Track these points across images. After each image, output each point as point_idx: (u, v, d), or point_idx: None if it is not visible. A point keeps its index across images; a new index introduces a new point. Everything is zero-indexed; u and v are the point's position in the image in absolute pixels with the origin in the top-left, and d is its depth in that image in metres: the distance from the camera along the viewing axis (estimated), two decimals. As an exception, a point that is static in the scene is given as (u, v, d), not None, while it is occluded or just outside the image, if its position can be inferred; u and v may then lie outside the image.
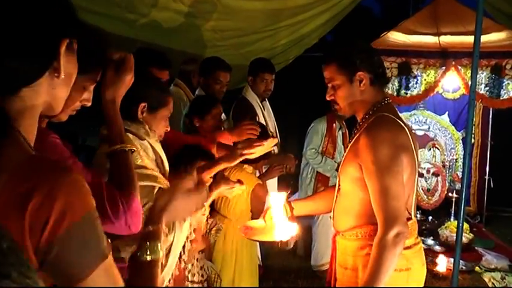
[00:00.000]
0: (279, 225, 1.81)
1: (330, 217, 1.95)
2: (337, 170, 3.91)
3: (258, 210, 2.18)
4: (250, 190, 2.48)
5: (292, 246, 2.35)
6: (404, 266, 1.71)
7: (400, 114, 1.84)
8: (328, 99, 1.90)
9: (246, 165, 2.61)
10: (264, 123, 3.45)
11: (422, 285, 1.84)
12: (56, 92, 0.85)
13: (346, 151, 1.84)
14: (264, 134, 2.40)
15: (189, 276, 2.02)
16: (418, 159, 1.79)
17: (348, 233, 1.81)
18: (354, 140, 1.78)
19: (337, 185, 1.89)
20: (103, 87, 1.33)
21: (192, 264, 2.06)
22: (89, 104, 1.24)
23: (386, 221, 1.62)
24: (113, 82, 1.34)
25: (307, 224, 4.30)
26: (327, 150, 4.04)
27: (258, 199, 2.44)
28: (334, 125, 4.14)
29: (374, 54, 1.84)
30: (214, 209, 2.46)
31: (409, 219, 1.75)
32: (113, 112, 1.34)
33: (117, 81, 1.34)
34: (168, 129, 1.83)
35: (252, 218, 2.32)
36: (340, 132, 4.27)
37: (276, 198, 1.83)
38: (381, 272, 1.59)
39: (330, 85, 1.83)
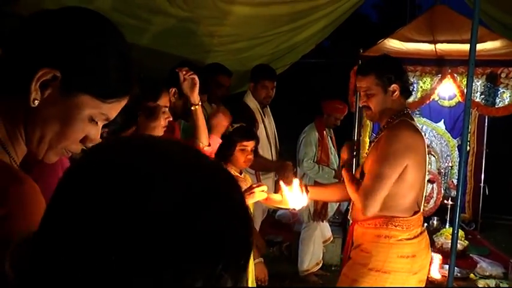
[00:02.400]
0: (293, 197, 2.14)
1: (348, 208, 2.30)
2: (335, 177, 3.93)
3: None
4: None
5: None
6: (410, 253, 1.99)
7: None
8: (361, 105, 2.22)
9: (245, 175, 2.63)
10: (264, 129, 3.45)
11: (427, 268, 2.13)
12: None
13: (370, 149, 2.14)
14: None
15: None
16: (427, 162, 2.11)
17: (367, 222, 2.06)
18: (377, 140, 2.08)
19: (360, 179, 2.12)
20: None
21: None
22: (94, 142, 0.90)
23: (365, 193, 1.95)
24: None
25: (299, 229, 4.31)
26: (321, 159, 4.04)
27: None
28: (324, 132, 4.14)
29: (404, 70, 2.18)
30: None
31: (416, 212, 2.05)
32: None
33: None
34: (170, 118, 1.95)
35: None
36: (329, 137, 4.29)
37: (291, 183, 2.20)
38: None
39: (363, 93, 2.11)
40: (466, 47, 2.90)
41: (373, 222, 2.04)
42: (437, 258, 4.24)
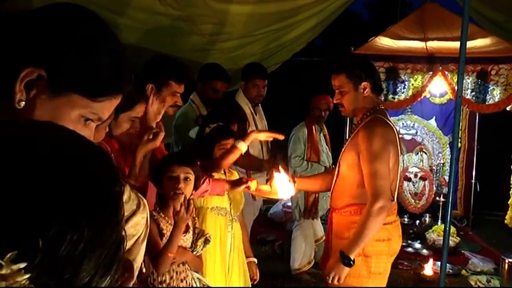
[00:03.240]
0: (282, 187, 2.29)
1: (328, 196, 2.47)
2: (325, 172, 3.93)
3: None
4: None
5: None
6: (386, 237, 2.17)
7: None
8: (335, 102, 2.36)
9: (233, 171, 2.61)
10: (254, 126, 3.43)
11: (397, 252, 2.28)
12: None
13: (346, 143, 2.28)
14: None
15: None
16: (401, 154, 2.28)
17: (344, 210, 2.25)
18: (353, 135, 2.23)
19: (336, 171, 2.33)
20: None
21: (171, 277, 2.00)
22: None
23: (374, 195, 2.06)
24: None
25: (292, 228, 4.30)
26: (311, 156, 4.03)
27: None
28: (314, 129, 4.13)
29: (375, 69, 2.35)
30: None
31: (391, 200, 2.17)
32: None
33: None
34: (137, 129, 1.96)
35: None
36: (322, 135, 4.27)
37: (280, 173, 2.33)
38: (365, 234, 2.05)
39: (337, 91, 2.27)
40: (457, 44, 2.91)
41: (349, 210, 2.23)
42: (429, 255, 4.27)
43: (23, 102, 0.76)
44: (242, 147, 2.37)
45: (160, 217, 2.01)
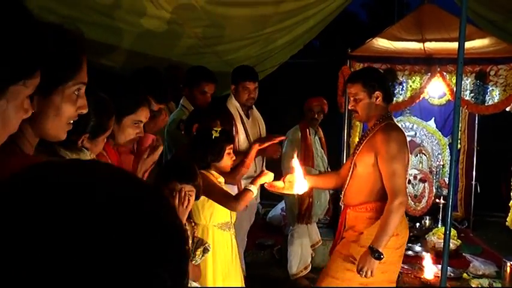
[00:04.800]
0: (299, 182, 2.49)
1: (325, 193, 2.91)
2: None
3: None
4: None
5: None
6: (394, 232, 2.35)
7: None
8: (349, 108, 2.59)
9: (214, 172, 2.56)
10: (244, 132, 3.38)
11: (405, 245, 2.57)
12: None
13: (362, 145, 2.50)
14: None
15: None
16: (409, 156, 2.55)
17: (359, 207, 2.48)
18: (369, 138, 2.47)
19: (351, 170, 2.53)
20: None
21: None
22: (86, 110, 1.11)
23: (394, 193, 2.31)
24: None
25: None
26: (305, 160, 3.96)
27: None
28: (308, 132, 4.07)
29: (386, 79, 2.69)
30: (192, 220, 2.36)
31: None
32: None
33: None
34: (142, 134, 1.97)
35: None
36: (317, 138, 4.21)
37: (297, 164, 2.54)
38: (389, 228, 2.28)
39: (352, 98, 2.50)
40: (455, 45, 2.86)
41: (365, 207, 2.48)
42: (429, 258, 4.22)
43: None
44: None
45: None
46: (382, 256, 2.26)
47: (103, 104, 1.55)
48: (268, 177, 2.44)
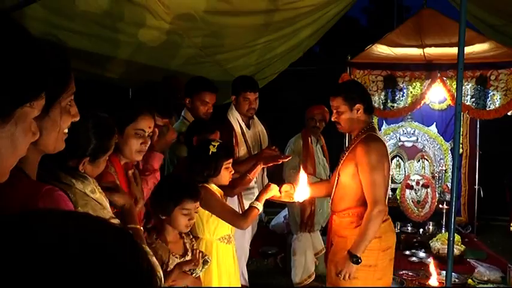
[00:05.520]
0: (299, 189, 2.62)
1: (328, 201, 2.86)
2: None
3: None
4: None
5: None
6: (378, 234, 2.50)
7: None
8: (332, 120, 2.71)
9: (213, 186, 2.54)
10: (244, 144, 3.37)
11: (393, 248, 2.65)
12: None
13: (345, 156, 2.63)
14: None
15: None
16: (390, 165, 2.67)
17: (342, 212, 2.62)
18: (351, 149, 2.59)
19: (336, 179, 2.67)
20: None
21: None
22: (78, 117, 1.14)
23: (373, 202, 2.43)
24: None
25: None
26: (307, 168, 3.95)
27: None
28: (309, 141, 4.07)
29: (367, 93, 2.80)
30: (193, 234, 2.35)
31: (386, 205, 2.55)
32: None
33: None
34: (147, 145, 1.97)
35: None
36: (319, 146, 4.21)
37: (301, 174, 2.68)
38: (368, 235, 2.42)
39: (334, 111, 2.63)
40: (455, 50, 2.86)
41: (347, 213, 2.60)
42: (433, 264, 4.19)
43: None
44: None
45: (157, 243, 1.97)
46: (360, 260, 2.40)
47: (103, 125, 1.53)
48: (273, 191, 2.47)
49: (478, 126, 5.93)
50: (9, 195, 0.98)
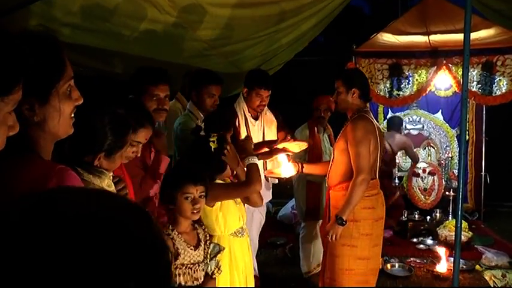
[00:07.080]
0: (283, 166, 3.17)
1: (326, 177, 3.14)
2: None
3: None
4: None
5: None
6: (370, 205, 2.83)
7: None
8: (331, 99, 3.12)
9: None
10: (245, 133, 3.36)
11: (383, 219, 2.94)
12: None
13: (340, 134, 2.93)
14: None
15: None
16: (382, 142, 2.94)
17: (337, 186, 2.92)
18: (344, 128, 2.90)
19: (332, 156, 3.01)
20: None
21: None
22: (81, 100, 1.18)
23: (357, 171, 2.73)
24: None
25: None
26: (312, 158, 3.96)
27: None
28: (316, 130, 4.08)
29: (365, 81, 3.05)
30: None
31: (373, 179, 2.84)
32: None
33: None
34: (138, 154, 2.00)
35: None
36: (326, 135, 4.22)
37: (280, 156, 3.21)
38: (353, 199, 2.72)
39: (336, 91, 2.94)
40: (460, 36, 2.86)
41: (341, 186, 2.87)
42: (442, 251, 4.21)
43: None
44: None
45: (174, 234, 2.00)
46: (344, 222, 2.71)
47: (119, 121, 1.54)
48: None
49: (484, 112, 5.91)
50: (22, 175, 1.03)
